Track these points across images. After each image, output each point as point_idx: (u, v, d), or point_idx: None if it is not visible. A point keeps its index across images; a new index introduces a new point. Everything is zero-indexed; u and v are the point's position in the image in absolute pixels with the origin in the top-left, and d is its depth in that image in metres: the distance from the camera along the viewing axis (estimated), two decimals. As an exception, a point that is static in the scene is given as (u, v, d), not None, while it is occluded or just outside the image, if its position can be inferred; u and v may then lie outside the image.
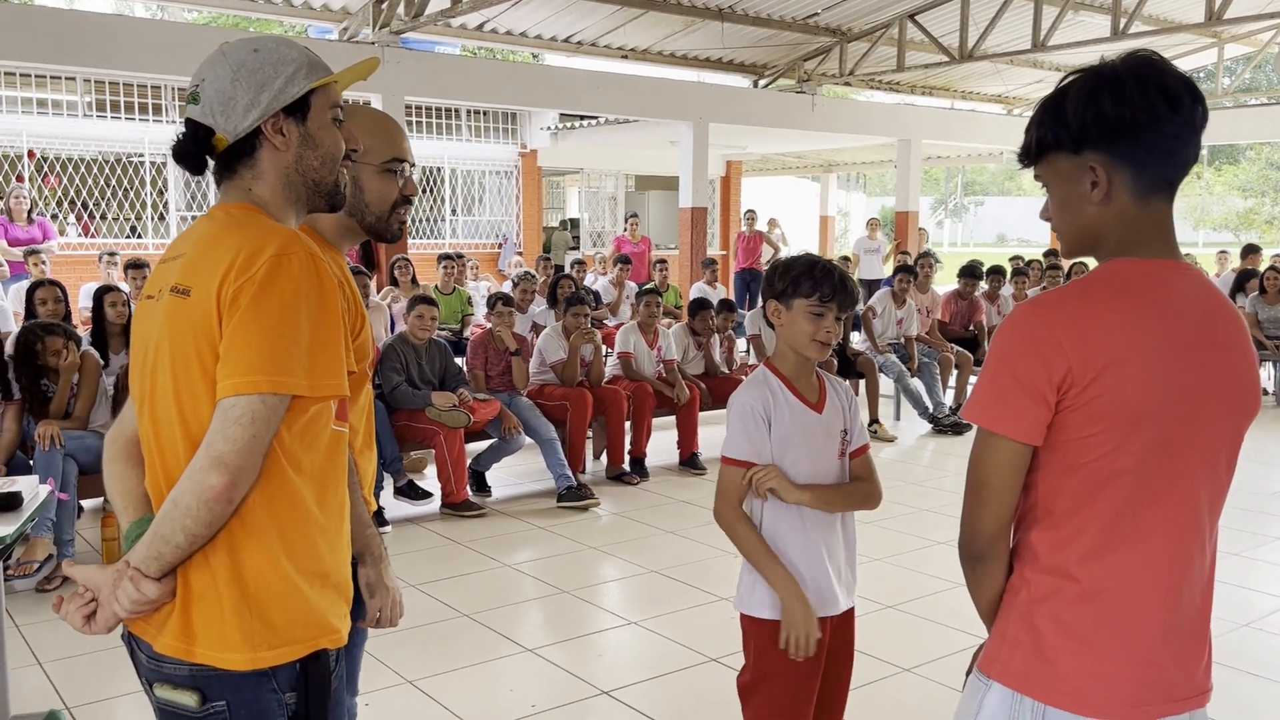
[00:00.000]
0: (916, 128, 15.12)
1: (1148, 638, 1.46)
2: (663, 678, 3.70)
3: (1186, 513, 1.47)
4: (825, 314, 2.24)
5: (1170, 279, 1.46)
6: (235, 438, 1.38)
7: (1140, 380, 1.39)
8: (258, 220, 1.52)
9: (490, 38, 12.00)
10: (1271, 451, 7.44)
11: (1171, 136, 1.43)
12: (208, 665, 1.45)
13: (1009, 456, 1.46)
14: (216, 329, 1.42)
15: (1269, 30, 14.09)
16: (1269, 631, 4.12)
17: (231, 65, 1.52)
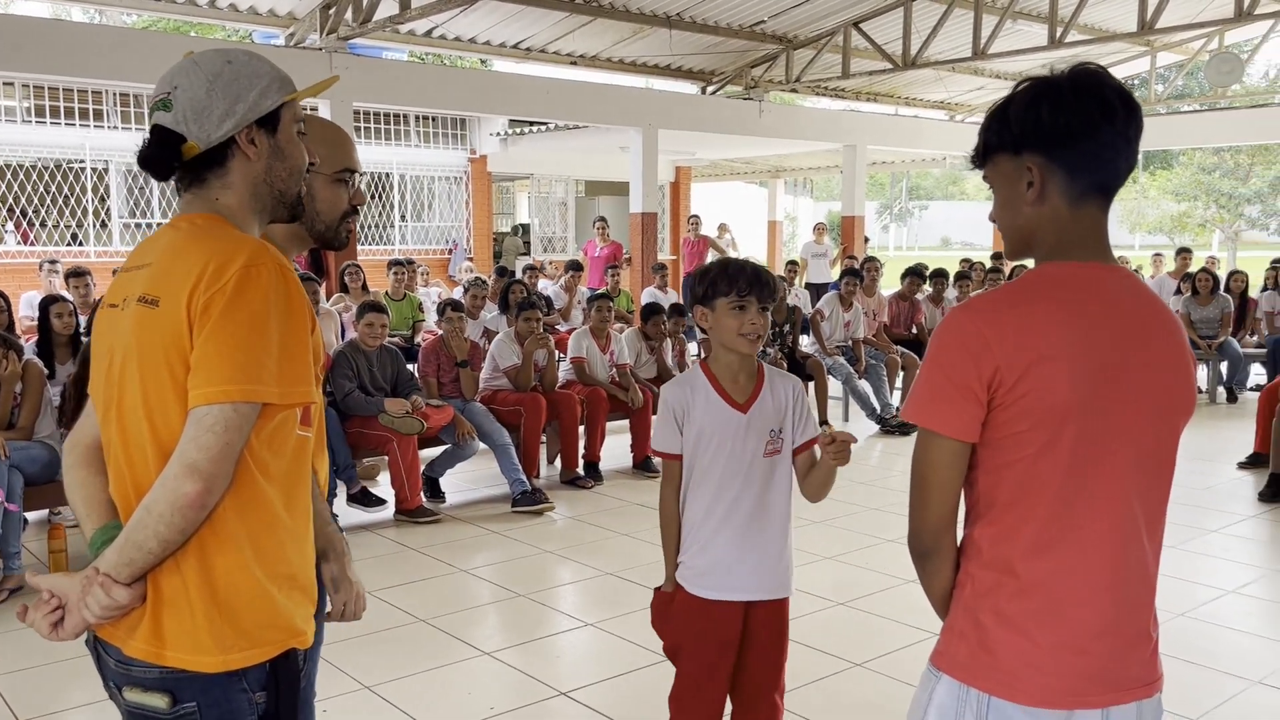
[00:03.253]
0: (862, 133, 15.35)
1: (1086, 630, 1.51)
2: (620, 678, 3.75)
3: (1120, 509, 1.52)
4: (747, 308, 2.36)
5: (1100, 281, 1.53)
6: (209, 445, 1.41)
7: (1066, 378, 1.45)
8: (224, 231, 1.54)
9: (439, 44, 11.97)
10: (1205, 448, 7.68)
11: (1105, 145, 1.50)
12: (179, 668, 1.46)
13: (947, 453, 1.52)
14: (187, 339, 1.44)
15: (1199, 39, 14.52)
16: (1206, 621, 4.28)
17: (206, 75, 1.54)
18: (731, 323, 2.37)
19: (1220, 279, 10.17)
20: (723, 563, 2.42)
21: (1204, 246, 26.56)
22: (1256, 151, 25.40)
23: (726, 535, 2.41)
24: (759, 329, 2.37)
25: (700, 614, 2.44)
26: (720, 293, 2.37)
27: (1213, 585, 4.70)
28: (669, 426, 2.45)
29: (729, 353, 2.41)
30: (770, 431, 2.41)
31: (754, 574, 2.43)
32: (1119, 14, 12.68)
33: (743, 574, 2.42)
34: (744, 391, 2.42)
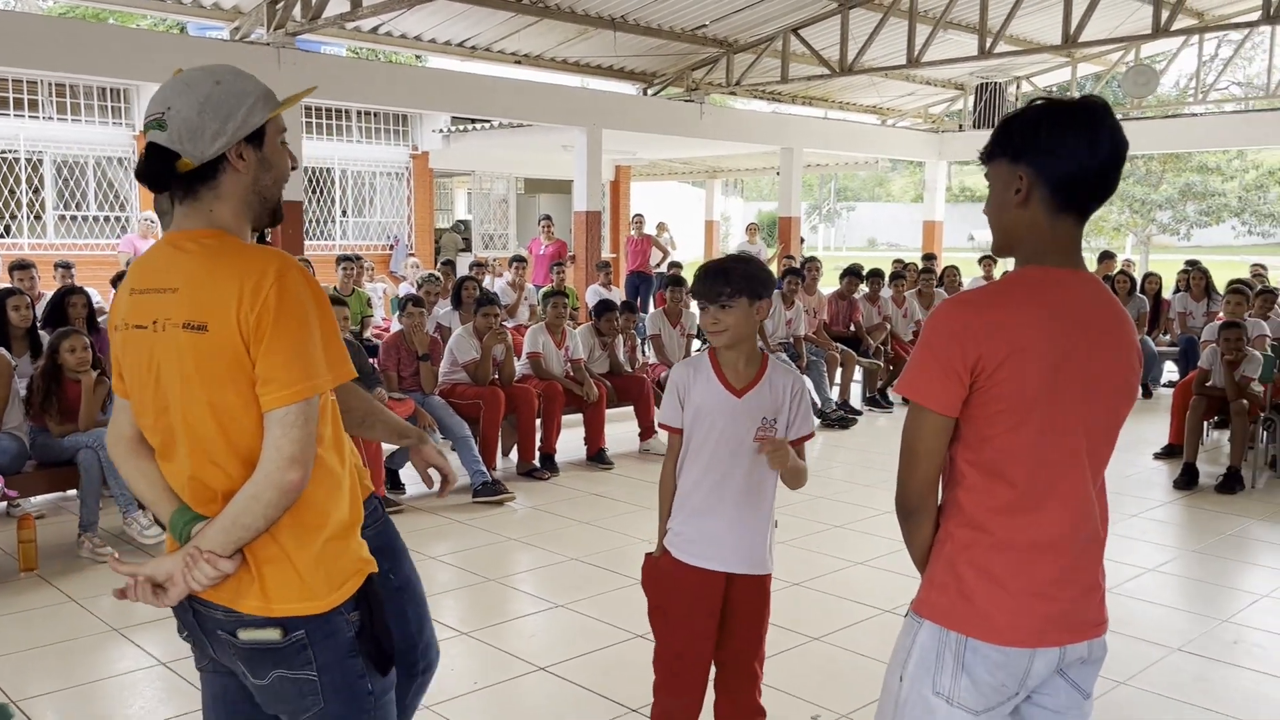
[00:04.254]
0: (799, 136, 15.74)
1: (1048, 580, 1.76)
2: (594, 653, 3.97)
3: (1077, 479, 1.79)
4: (706, 309, 2.63)
5: (1069, 286, 1.78)
6: (298, 438, 1.65)
7: (1036, 370, 1.71)
8: (236, 246, 1.72)
9: (383, 40, 12.02)
10: (1123, 440, 8.12)
11: (1087, 173, 1.73)
12: (290, 615, 1.71)
13: (932, 426, 1.76)
14: (245, 355, 1.65)
15: (1117, 51, 15.20)
16: (1129, 596, 4.65)
17: (198, 97, 1.69)
18: (703, 320, 2.66)
19: (1137, 281, 10.73)
20: (708, 534, 2.63)
21: (1118, 250, 27.64)
22: (1167, 159, 26.52)
23: (714, 508, 2.63)
24: (718, 326, 2.59)
25: (684, 578, 2.65)
26: (695, 293, 2.68)
27: (1134, 564, 5.07)
28: (672, 401, 2.68)
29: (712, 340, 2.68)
30: (763, 419, 2.61)
31: (736, 548, 2.64)
32: (1044, 26, 13.24)
33: (726, 547, 2.63)
34: (743, 379, 2.63)
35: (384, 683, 1.84)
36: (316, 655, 1.73)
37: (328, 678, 1.75)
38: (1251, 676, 3.84)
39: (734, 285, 2.57)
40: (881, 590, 4.61)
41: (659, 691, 2.73)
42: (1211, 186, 27.28)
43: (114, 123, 13.25)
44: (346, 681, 1.76)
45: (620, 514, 5.94)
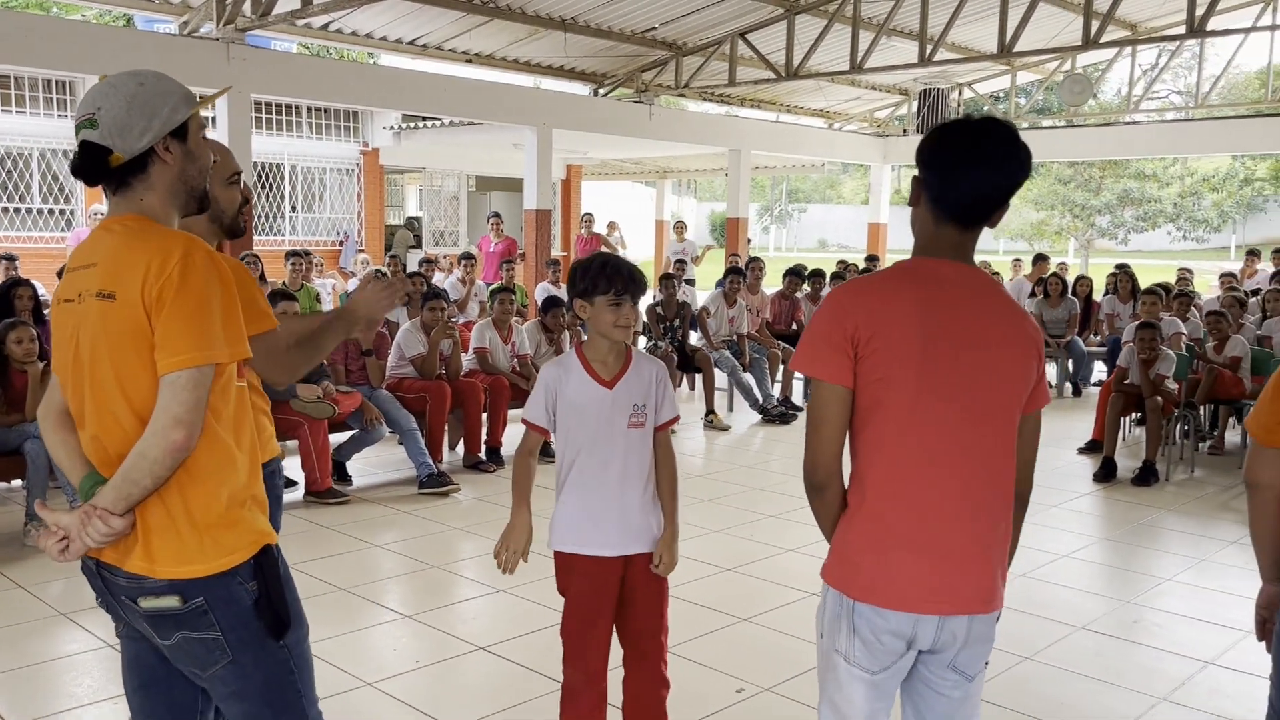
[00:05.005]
0: (746, 138, 16.00)
1: (927, 553, 1.90)
2: (533, 634, 4.13)
3: (955, 455, 1.90)
4: (622, 304, 2.71)
5: (946, 274, 1.93)
6: (185, 401, 1.78)
7: (907, 339, 1.87)
8: (154, 229, 1.88)
9: (334, 37, 12.04)
10: (1050, 435, 8.48)
11: (970, 186, 1.90)
12: (173, 578, 1.85)
13: (829, 396, 1.93)
14: (147, 324, 1.80)
15: (1054, 61, 15.65)
16: (1042, 580, 4.91)
17: (125, 97, 1.86)
18: (609, 316, 2.70)
19: (1069, 283, 11.11)
20: (599, 521, 2.75)
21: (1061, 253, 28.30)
22: (1107, 166, 27.24)
23: (600, 496, 2.75)
24: (632, 322, 2.75)
25: (582, 568, 2.78)
26: (600, 290, 2.67)
27: (1051, 551, 5.35)
28: (539, 400, 2.79)
29: (602, 339, 2.75)
30: (634, 406, 2.75)
31: (626, 530, 2.76)
32: (982, 35, 13.60)
33: (617, 531, 2.76)
34: (611, 371, 2.75)
35: (294, 632, 1.97)
36: (218, 619, 1.87)
37: (233, 636, 1.88)
38: (1148, 652, 4.11)
39: (641, 284, 2.76)
40: (810, 575, 4.80)
41: (566, 665, 2.85)
42: (1148, 193, 28.04)
43: (59, 115, 13.13)
44: (253, 636, 1.90)
45: (563, 505, 6.10)
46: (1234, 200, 31.33)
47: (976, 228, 1.95)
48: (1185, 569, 5.19)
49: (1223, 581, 4.94)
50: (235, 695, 1.94)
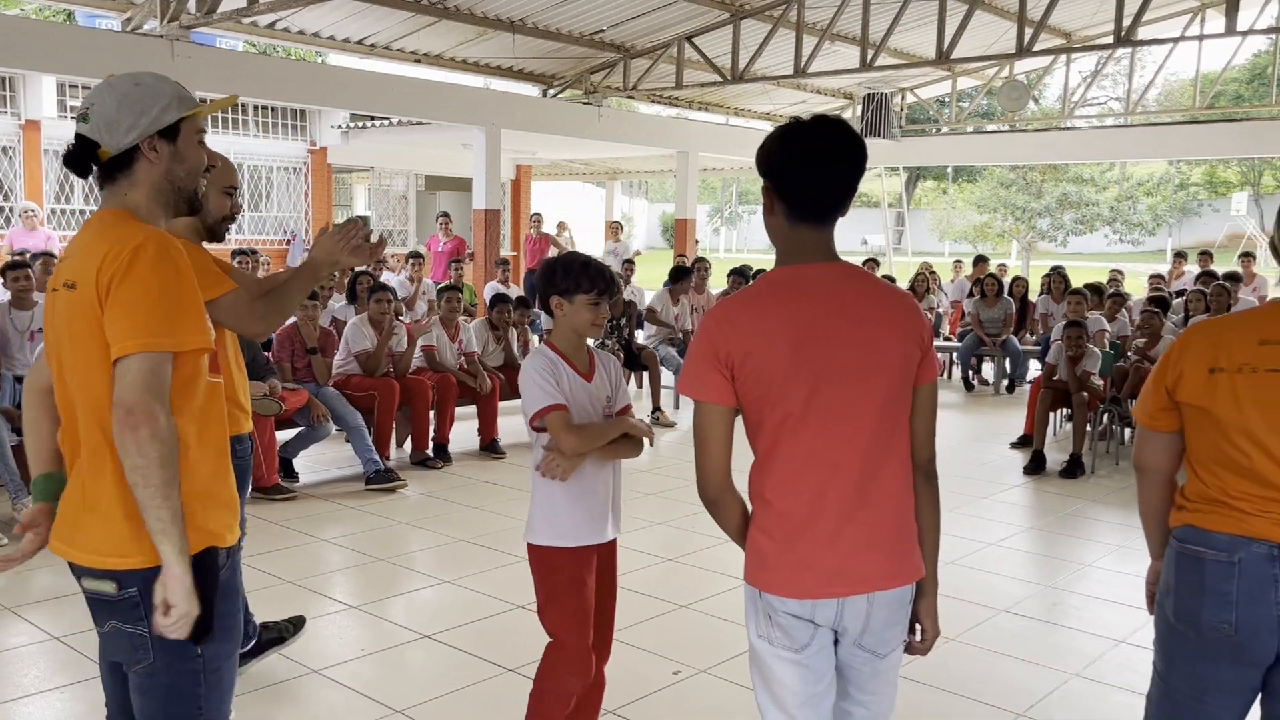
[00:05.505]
0: (694, 140, 16.19)
1: (821, 542, 2.00)
2: (478, 622, 4.25)
3: (842, 449, 1.98)
4: (600, 304, 2.82)
5: (816, 277, 1.98)
6: (132, 385, 1.81)
7: (777, 358, 1.95)
8: (126, 223, 1.93)
9: (281, 36, 12.01)
10: (984, 431, 8.77)
11: (808, 183, 1.98)
12: (111, 569, 1.90)
13: (712, 416, 1.98)
14: (99, 313, 1.85)
15: (993, 67, 16.04)
16: (970, 567, 5.12)
17: (117, 95, 1.95)
18: (587, 315, 2.80)
19: (1005, 284, 11.43)
20: (587, 510, 2.82)
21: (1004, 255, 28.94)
22: (1047, 170, 27.93)
23: (587, 486, 2.82)
24: (603, 319, 2.88)
25: (571, 561, 2.81)
26: (582, 289, 2.78)
27: (980, 540, 5.57)
28: (548, 383, 2.74)
29: (576, 336, 2.86)
30: (605, 397, 2.89)
31: (608, 516, 2.86)
32: (922, 41, 13.92)
33: (602, 520, 2.85)
34: (584, 365, 2.87)
35: (218, 651, 1.97)
36: (148, 614, 1.87)
37: (157, 635, 1.88)
38: (1065, 632, 4.33)
39: (616, 284, 2.88)
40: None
41: (562, 673, 2.81)
42: (1086, 196, 28.78)
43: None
44: (177, 641, 1.88)
45: (510, 499, 6.22)
46: (1168, 204, 32.25)
47: (830, 222, 2.01)
48: (1105, 555, 5.43)
49: (1139, 566, 5.11)
50: (141, 691, 1.97)
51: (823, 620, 2.02)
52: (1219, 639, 2.03)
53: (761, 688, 2.12)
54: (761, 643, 2.07)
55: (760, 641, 2.08)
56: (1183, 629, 2.09)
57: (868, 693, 2.13)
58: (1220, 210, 33.72)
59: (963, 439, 8.46)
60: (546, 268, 2.84)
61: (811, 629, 2.02)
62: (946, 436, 8.25)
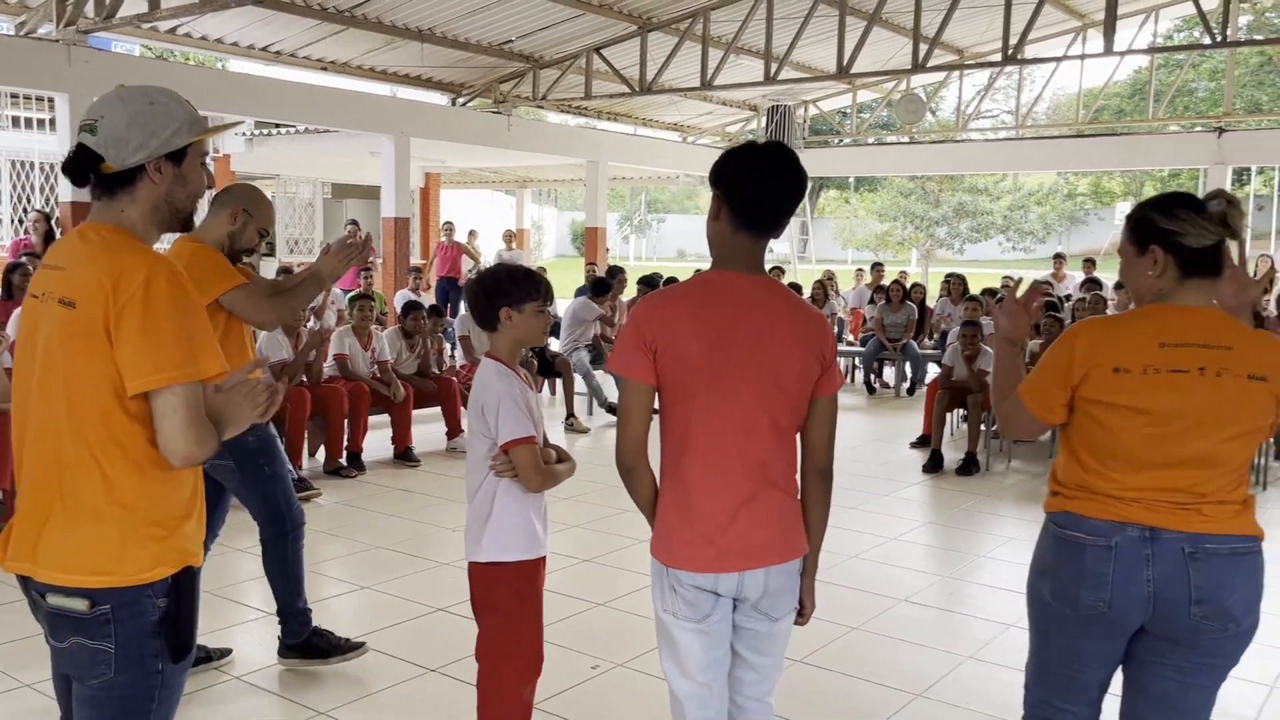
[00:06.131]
0: (604, 150, 16.37)
1: (716, 518, 2.20)
2: (398, 625, 4.32)
3: (740, 436, 2.19)
4: (545, 311, 2.89)
5: (736, 284, 2.22)
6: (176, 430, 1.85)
7: (692, 350, 2.17)
8: (126, 244, 1.92)
9: (184, 41, 11.81)
10: (885, 432, 9.11)
11: (751, 200, 2.20)
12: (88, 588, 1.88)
13: (634, 393, 2.21)
14: (104, 340, 1.85)
15: (891, 81, 16.60)
16: (871, 560, 5.37)
17: (129, 112, 1.92)
18: (536, 323, 2.85)
19: (907, 289, 11.86)
20: (539, 521, 2.84)
21: (904, 262, 29.83)
22: (944, 180, 28.89)
23: (538, 500, 2.85)
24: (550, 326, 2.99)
25: (528, 576, 2.79)
26: (531, 297, 2.79)
27: (881, 535, 5.82)
28: (523, 410, 2.73)
29: (519, 346, 2.88)
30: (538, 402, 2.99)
31: (544, 529, 2.89)
32: (823, 56, 14.35)
33: (544, 532, 2.87)
34: (524, 375, 2.92)
35: (175, 667, 1.97)
36: (117, 630, 1.88)
37: (123, 652, 1.89)
38: (961, 619, 4.59)
39: None
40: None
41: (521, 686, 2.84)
42: (981, 206, 29.87)
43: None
44: (140, 657, 1.91)
45: (425, 506, 6.27)
46: (1057, 213, 33.65)
47: (766, 236, 2.24)
48: (998, 546, 5.75)
49: (1029, 555, 5.50)
50: (91, 704, 1.95)
51: (725, 591, 2.22)
52: (1094, 615, 2.24)
53: (667, 656, 2.30)
54: (667, 615, 2.26)
55: (666, 615, 2.26)
56: (1059, 607, 2.30)
57: (760, 654, 2.32)
58: (1105, 219, 35.33)
59: (865, 440, 8.78)
60: (491, 280, 2.83)
61: (714, 600, 2.22)
62: (850, 438, 8.66)
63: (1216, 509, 2.20)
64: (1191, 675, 2.24)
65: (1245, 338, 2.21)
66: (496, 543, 2.76)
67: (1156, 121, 17.20)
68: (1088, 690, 2.34)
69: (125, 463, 1.89)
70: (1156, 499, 2.19)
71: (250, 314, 3.44)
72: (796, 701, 3.63)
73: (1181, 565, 2.17)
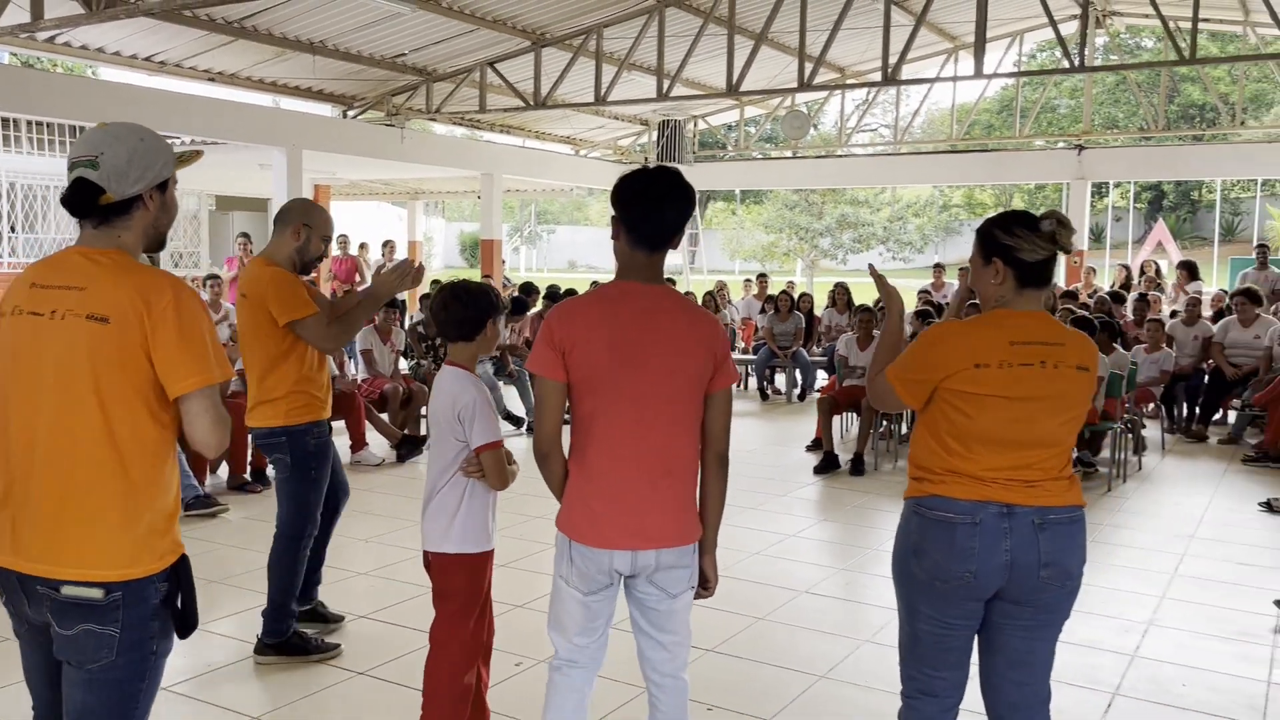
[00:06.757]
0: (497, 163, 16.49)
1: (619, 504, 2.50)
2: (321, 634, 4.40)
3: (638, 427, 2.48)
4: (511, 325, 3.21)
5: (635, 292, 2.51)
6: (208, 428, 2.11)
7: (593, 352, 2.47)
8: (136, 265, 2.16)
9: (63, 51, 11.49)
10: (779, 436, 9.49)
11: (640, 218, 2.49)
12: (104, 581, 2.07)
13: (546, 388, 2.52)
14: (140, 351, 2.07)
15: (777, 98, 17.17)
16: (772, 556, 5.67)
17: (128, 148, 2.15)
18: (495, 333, 3.14)
19: (795, 299, 12.33)
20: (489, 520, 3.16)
21: (789, 273, 30.69)
22: (827, 193, 29.86)
23: (491, 498, 3.15)
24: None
25: (486, 564, 3.16)
26: (499, 309, 3.17)
27: (780, 532, 6.14)
28: (495, 417, 3.07)
29: (477, 355, 3.15)
30: None
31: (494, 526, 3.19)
32: (713, 73, 14.81)
33: (493, 527, 3.18)
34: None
35: (165, 645, 2.18)
36: (125, 615, 2.08)
37: (126, 635, 2.09)
38: (856, 606, 4.93)
39: None
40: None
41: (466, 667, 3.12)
42: (862, 217, 30.98)
43: None
44: (139, 640, 2.11)
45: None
46: (934, 224, 35.08)
47: (660, 251, 2.53)
48: (889, 539, 6.05)
49: (916, 547, 5.89)
50: (87, 686, 2.11)
51: (620, 567, 2.52)
52: (962, 584, 2.55)
53: (554, 618, 2.66)
54: (560, 582, 2.59)
55: (560, 581, 2.59)
56: (928, 580, 2.60)
57: (666, 632, 2.61)
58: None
59: (760, 444, 9.14)
60: (480, 294, 3.11)
61: (607, 576, 2.53)
62: (746, 442, 9.02)
63: (1054, 484, 2.55)
64: (1036, 631, 2.59)
65: (1071, 336, 2.60)
66: (463, 535, 3.03)
67: (1023, 139, 18.21)
68: (955, 653, 2.65)
69: (146, 462, 2.11)
70: (1010, 479, 2.53)
71: (316, 341, 3.87)
72: (709, 688, 3.88)
73: (1032, 535, 2.51)
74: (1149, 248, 21.63)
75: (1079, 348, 2.58)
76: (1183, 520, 6.58)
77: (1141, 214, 37.91)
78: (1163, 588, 5.22)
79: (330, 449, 4.23)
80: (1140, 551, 5.90)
